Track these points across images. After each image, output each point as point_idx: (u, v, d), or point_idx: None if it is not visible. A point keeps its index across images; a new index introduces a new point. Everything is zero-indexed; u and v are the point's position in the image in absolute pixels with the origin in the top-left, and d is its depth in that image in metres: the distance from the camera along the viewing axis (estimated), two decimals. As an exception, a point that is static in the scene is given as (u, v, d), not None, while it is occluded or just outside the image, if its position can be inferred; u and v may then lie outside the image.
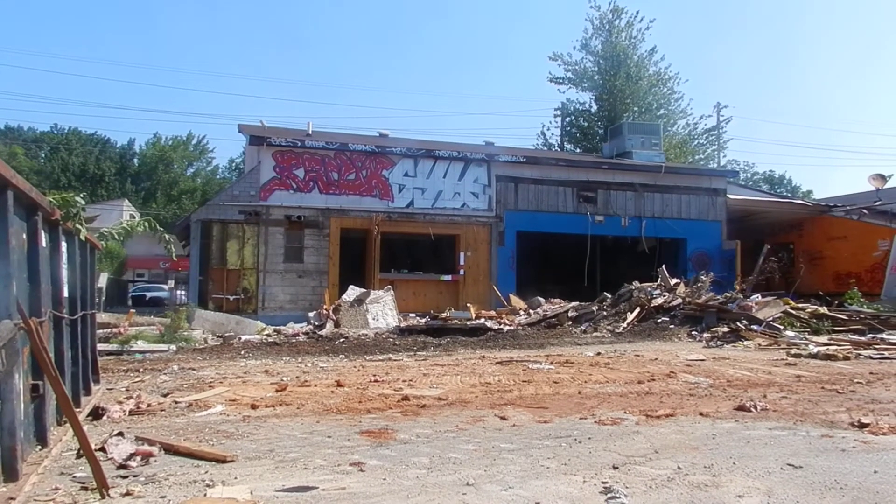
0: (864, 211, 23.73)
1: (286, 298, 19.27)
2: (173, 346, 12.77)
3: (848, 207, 24.94)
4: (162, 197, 59.96)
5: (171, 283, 30.90)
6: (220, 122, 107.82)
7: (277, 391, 7.71)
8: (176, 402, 6.92)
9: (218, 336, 14.63)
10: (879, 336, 13.89)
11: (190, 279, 19.81)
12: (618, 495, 3.83)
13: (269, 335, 14.95)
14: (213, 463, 4.57)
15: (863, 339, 13.66)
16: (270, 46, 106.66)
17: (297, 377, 9.02)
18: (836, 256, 24.04)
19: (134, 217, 32.32)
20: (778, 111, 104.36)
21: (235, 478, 4.24)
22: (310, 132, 22.07)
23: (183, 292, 27.76)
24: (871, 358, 11.29)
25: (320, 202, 19.82)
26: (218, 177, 64.86)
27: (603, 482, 4.13)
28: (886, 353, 11.68)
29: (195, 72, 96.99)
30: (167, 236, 15.45)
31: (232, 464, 4.57)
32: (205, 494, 3.87)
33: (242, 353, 12.36)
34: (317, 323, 16.15)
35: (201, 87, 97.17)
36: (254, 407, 6.69)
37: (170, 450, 4.84)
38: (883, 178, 26.66)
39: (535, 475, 4.33)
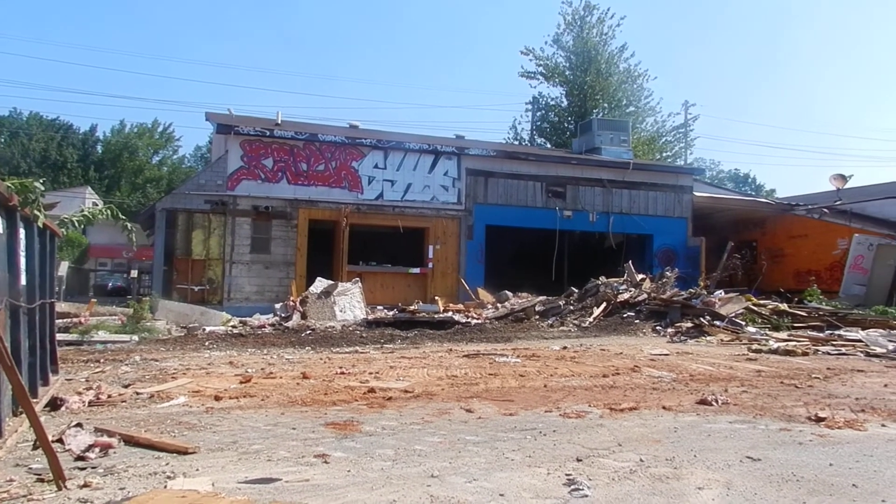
0: (825, 210, 24.26)
1: (252, 289, 19.08)
2: (136, 337, 12.56)
3: (809, 207, 25.47)
4: (126, 185, 58.68)
5: (135, 272, 30.27)
6: (187, 110, 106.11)
7: (242, 383, 7.63)
8: (137, 394, 6.81)
9: (182, 327, 14.43)
10: (837, 332, 14.22)
11: (154, 269, 19.49)
12: (581, 487, 3.87)
13: (234, 326, 14.78)
14: (175, 454, 4.51)
15: (821, 335, 13.97)
16: (239, 34, 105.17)
17: (262, 369, 8.94)
18: (797, 254, 24.54)
19: (96, 205, 31.67)
20: (744, 110, 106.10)
21: (197, 469, 4.19)
22: (279, 121, 21.81)
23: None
24: (828, 354, 11.57)
25: (289, 193, 19.63)
26: (184, 165, 63.79)
27: (567, 474, 4.16)
28: (843, 350, 11.97)
29: (162, 58, 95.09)
30: (129, 225, 15.15)
31: (194, 455, 4.51)
32: (165, 486, 3.82)
33: (207, 344, 12.21)
34: (283, 314, 16.01)
35: (168, 74, 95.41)
36: (217, 398, 6.62)
37: (130, 441, 4.76)
38: (843, 178, 27.27)
39: (500, 467, 4.35)
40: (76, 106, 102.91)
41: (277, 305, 16.89)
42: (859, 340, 12.93)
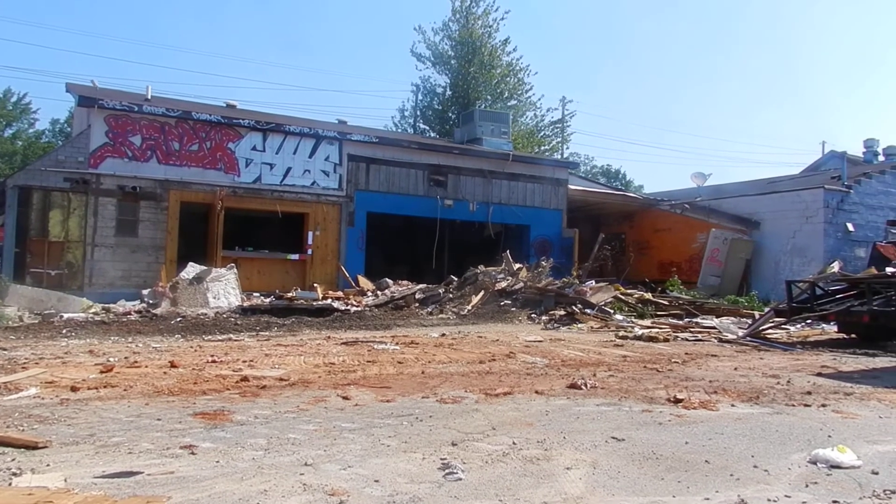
0: (686, 206, 25.91)
1: (117, 274, 17.94)
2: (-19, 324, 11.52)
3: (672, 202, 27.11)
4: (-27, 159, 53.58)
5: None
6: (44, 80, 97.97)
7: (102, 372, 7.16)
8: (-19, 385, 6.24)
9: (36, 314, 13.38)
10: (695, 320, 15.28)
11: (4, 251, 17.91)
12: (455, 471, 3.91)
13: (96, 313, 13.89)
14: (23, 450, 4.16)
15: (681, 322, 14.96)
16: (104, 1, 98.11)
17: (125, 358, 8.44)
18: (661, 247, 26.08)
19: (-63, 179, 28.71)
20: (617, 109, 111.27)
21: (48, 465, 3.89)
22: (149, 97, 20.60)
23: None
24: (687, 340, 12.40)
25: (159, 173, 18.58)
26: (42, 140, 58.98)
27: (442, 458, 4.20)
28: (700, 336, 12.88)
29: (16, 21, 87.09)
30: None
31: (45, 450, 4.19)
32: (10, 483, 3.51)
33: (64, 332, 11.39)
34: (151, 301, 15.21)
35: (24, 39, 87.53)
36: (74, 389, 6.18)
37: (-30, 437, 4.35)
38: (703, 176, 29.31)
39: (376, 454, 4.33)
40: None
41: (145, 291, 16.01)
42: (714, 327, 13.94)
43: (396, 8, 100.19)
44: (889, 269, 13.33)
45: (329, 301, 16.22)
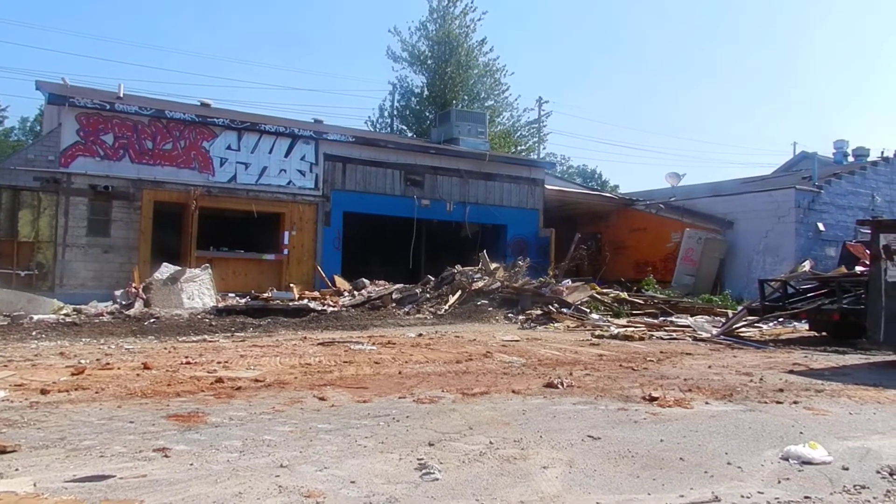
0: (661, 206, 26.16)
1: (89, 275, 17.66)
2: (-52, 326, 11.28)
3: (647, 202, 27.34)
4: (-60, 157, 52.48)
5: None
6: (13, 77, 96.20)
7: (74, 375, 7.05)
8: (-53, 389, 6.11)
9: (5, 315, 13.13)
10: (669, 319, 15.43)
11: (-28, 251, 17.57)
12: (432, 471, 3.91)
13: (67, 315, 13.65)
14: (-10, 455, 4.08)
15: (656, 321, 15.09)
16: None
17: (97, 360, 8.31)
18: (637, 246, 26.30)
19: None
20: (593, 110, 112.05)
21: (17, 469, 3.82)
22: (121, 95, 20.31)
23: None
24: (662, 338, 12.51)
25: (132, 172, 18.32)
26: (11, 139, 57.93)
27: (418, 459, 4.19)
28: (675, 334, 13.01)
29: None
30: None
31: (13, 454, 4.11)
32: (-23, 490, 3.43)
33: (34, 333, 11.18)
34: (124, 302, 14.99)
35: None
36: (44, 392, 6.07)
37: (-65, 442, 4.25)
38: (677, 176, 29.61)
39: (352, 454, 4.30)
40: None
41: (118, 292, 15.78)
42: (688, 326, 14.08)
43: (377, 6, 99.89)
44: (858, 268, 13.58)
45: (305, 301, 16.13)
